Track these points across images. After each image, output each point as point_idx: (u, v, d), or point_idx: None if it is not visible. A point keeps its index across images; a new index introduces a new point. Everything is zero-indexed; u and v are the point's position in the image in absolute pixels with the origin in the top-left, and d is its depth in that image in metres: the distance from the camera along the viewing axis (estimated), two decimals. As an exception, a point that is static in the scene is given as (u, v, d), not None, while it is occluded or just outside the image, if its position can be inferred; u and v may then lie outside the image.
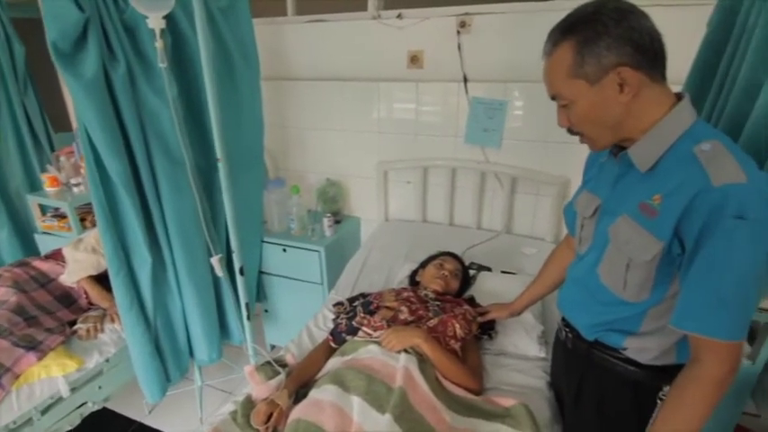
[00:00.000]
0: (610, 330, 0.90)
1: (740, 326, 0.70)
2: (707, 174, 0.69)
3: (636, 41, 0.71)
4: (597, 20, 0.72)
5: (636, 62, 0.72)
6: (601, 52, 0.73)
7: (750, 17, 0.97)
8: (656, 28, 0.74)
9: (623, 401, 0.93)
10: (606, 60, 0.73)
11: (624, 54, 0.72)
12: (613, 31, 0.71)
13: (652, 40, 0.72)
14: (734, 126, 0.96)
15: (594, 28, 0.73)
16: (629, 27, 0.71)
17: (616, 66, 0.73)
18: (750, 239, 0.66)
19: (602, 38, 0.72)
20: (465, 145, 2.01)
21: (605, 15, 0.72)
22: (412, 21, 1.95)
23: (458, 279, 1.56)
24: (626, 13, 0.72)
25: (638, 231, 0.79)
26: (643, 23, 0.72)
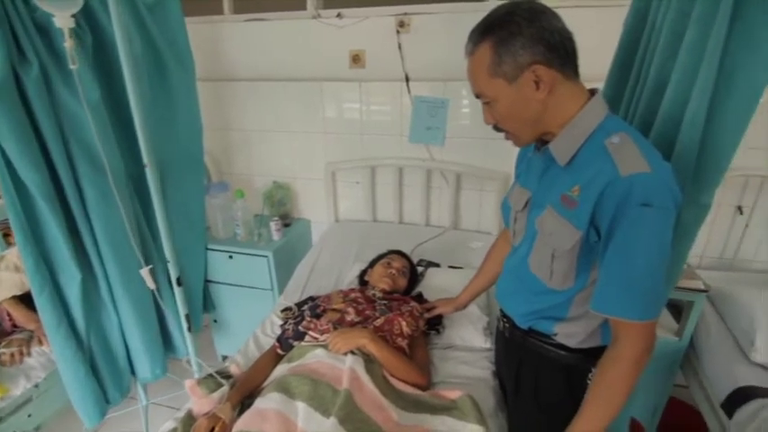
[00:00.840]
0: (541, 318, 0.94)
1: (652, 307, 0.75)
2: (616, 165, 0.73)
3: (547, 40, 0.75)
4: (511, 20, 0.75)
5: (548, 60, 0.76)
6: (516, 51, 0.75)
7: (658, 18, 1.04)
8: (567, 28, 0.78)
9: (558, 385, 0.97)
10: (521, 59, 0.76)
11: (537, 52, 0.75)
12: (526, 30, 0.74)
13: (563, 39, 0.76)
14: (646, 121, 1.02)
15: (509, 29, 0.75)
16: (540, 27, 0.74)
17: (531, 64, 0.76)
18: (655, 225, 0.71)
19: (516, 38, 0.75)
20: (410, 144, 2.03)
21: (518, 16, 0.75)
22: (352, 20, 1.94)
23: (405, 277, 1.57)
24: (538, 13, 0.75)
25: (560, 222, 0.83)
26: (554, 23, 0.76)
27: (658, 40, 1.01)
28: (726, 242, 1.89)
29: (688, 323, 1.57)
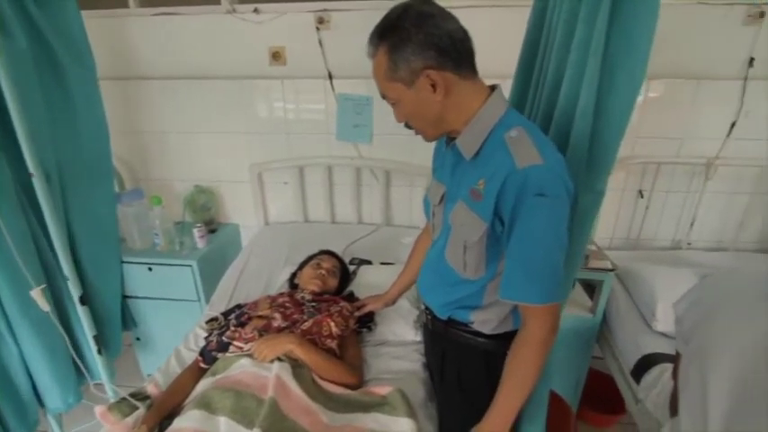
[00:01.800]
0: (459, 308, 0.97)
1: (552, 290, 0.80)
2: (513, 158, 0.76)
3: (437, 45, 0.76)
4: (401, 26, 0.77)
5: (440, 64, 0.78)
6: (408, 57, 0.77)
7: (554, 18, 1.10)
8: (460, 28, 0.80)
9: (478, 370, 1.00)
10: (414, 65, 0.77)
11: (429, 57, 0.77)
12: (415, 37, 0.76)
13: (453, 41, 0.78)
14: (548, 114, 1.08)
15: (400, 35, 0.77)
16: (428, 33, 0.76)
17: (423, 69, 0.78)
18: (550, 214, 0.75)
19: (406, 44, 0.76)
20: (338, 141, 2.01)
21: (407, 22, 0.76)
22: (269, 15, 1.88)
23: (336, 276, 1.55)
24: (426, 18, 0.76)
25: (470, 215, 0.85)
26: (443, 26, 0.77)
27: (555, 38, 1.07)
28: (630, 224, 2.07)
29: (600, 300, 1.70)
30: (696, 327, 0.70)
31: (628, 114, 0.90)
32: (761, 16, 1.70)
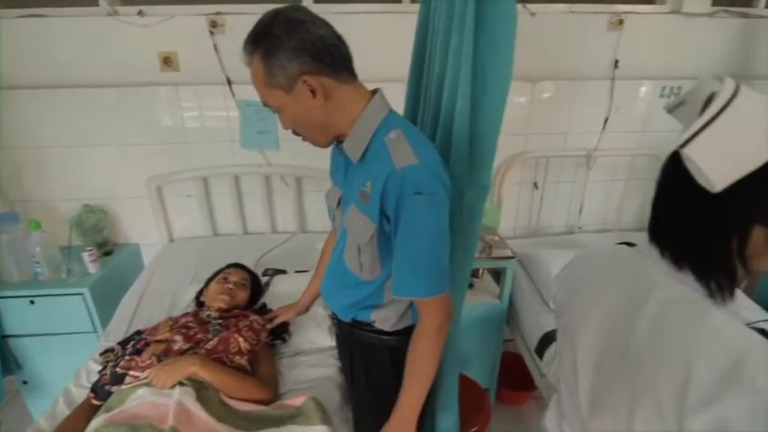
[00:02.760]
0: (361, 308, 0.98)
1: (438, 283, 0.84)
2: (392, 159, 0.79)
3: (310, 50, 0.77)
4: (272, 32, 0.76)
5: (317, 69, 0.78)
6: (283, 64, 0.76)
7: (435, 23, 1.16)
8: (334, 34, 0.82)
9: (385, 368, 1.02)
10: (290, 70, 0.77)
11: (304, 63, 0.77)
12: (287, 43, 0.76)
13: (327, 46, 0.79)
14: (435, 115, 1.14)
15: (272, 41, 0.76)
16: (300, 38, 0.76)
17: (300, 74, 0.78)
18: (429, 210, 0.79)
19: (279, 51, 0.76)
20: (244, 150, 1.94)
21: (278, 28, 0.76)
22: (156, 19, 1.76)
23: (246, 289, 1.50)
24: (296, 24, 0.76)
25: (360, 217, 0.87)
26: (315, 32, 0.78)
27: (437, 44, 1.13)
28: (529, 214, 2.25)
29: (505, 286, 1.82)
30: (564, 304, 0.77)
31: (500, 113, 0.97)
32: (620, 23, 1.94)
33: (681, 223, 0.59)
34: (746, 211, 0.54)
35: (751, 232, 0.54)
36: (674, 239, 0.61)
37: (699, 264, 0.58)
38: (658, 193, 0.62)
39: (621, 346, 0.63)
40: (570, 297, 0.76)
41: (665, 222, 0.63)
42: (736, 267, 0.57)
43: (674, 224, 0.61)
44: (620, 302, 0.65)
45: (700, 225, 0.57)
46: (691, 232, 0.58)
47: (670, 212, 0.61)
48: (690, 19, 1.97)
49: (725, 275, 0.57)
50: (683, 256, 0.60)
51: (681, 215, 0.59)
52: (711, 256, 0.57)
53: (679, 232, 0.60)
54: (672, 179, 0.59)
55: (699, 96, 0.54)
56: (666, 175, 0.60)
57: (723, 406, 0.50)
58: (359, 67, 0.89)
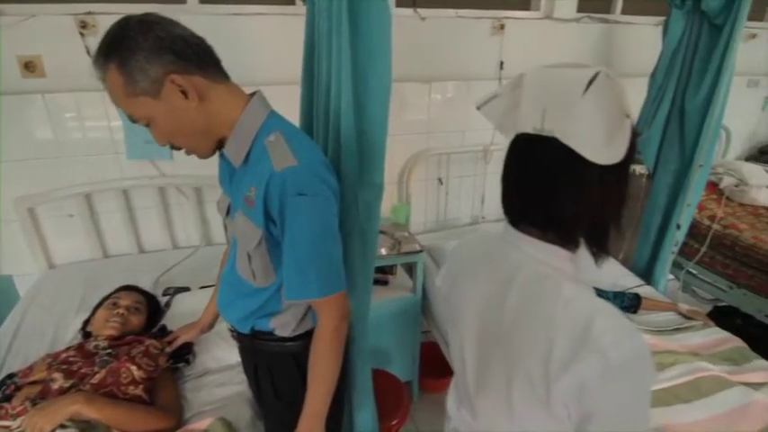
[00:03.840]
0: (259, 317, 0.95)
1: (330, 282, 0.84)
2: (272, 161, 0.78)
3: (171, 48, 0.73)
4: (125, 36, 0.71)
5: (183, 68, 0.74)
6: (143, 67, 0.72)
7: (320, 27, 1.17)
8: (193, 34, 0.78)
9: (291, 375, 1.01)
10: (153, 72, 0.72)
11: (167, 62, 0.73)
12: (144, 43, 0.71)
13: (189, 44, 0.75)
14: (325, 116, 1.14)
15: (127, 46, 0.71)
16: (157, 37, 0.72)
17: (165, 75, 0.73)
18: (312, 211, 0.79)
19: (137, 53, 0.71)
20: (132, 161, 1.79)
21: (131, 30, 0.71)
22: (14, 19, 1.55)
23: (141, 313, 1.38)
24: (150, 24, 0.73)
25: (247, 223, 0.84)
26: (172, 31, 0.74)
27: (322, 45, 1.13)
28: (437, 208, 2.35)
29: (417, 279, 1.88)
30: (448, 293, 0.81)
31: (385, 113, 1.01)
32: (502, 28, 2.10)
33: (545, 196, 0.62)
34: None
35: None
36: (538, 214, 0.64)
37: (566, 231, 0.63)
38: (517, 174, 0.66)
39: (496, 328, 0.68)
40: (452, 286, 0.80)
41: (529, 199, 0.65)
42: (607, 227, 0.64)
43: (538, 199, 0.63)
44: (492, 287, 0.69)
45: (563, 195, 0.61)
46: (555, 203, 0.62)
47: (533, 189, 0.63)
48: (560, 24, 2.20)
49: (596, 235, 0.64)
50: (549, 227, 0.64)
51: (544, 189, 0.62)
52: (577, 221, 0.62)
53: (544, 206, 0.63)
54: (526, 157, 0.63)
55: (509, 87, 0.63)
56: (520, 154, 0.64)
57: (578, 368, 0.56)
58: (252, 70, 0.87)
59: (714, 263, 2.22)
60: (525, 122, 0.62)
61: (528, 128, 0.61)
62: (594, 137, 0.58)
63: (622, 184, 0.64)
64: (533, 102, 0.61)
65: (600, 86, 0.57)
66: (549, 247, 0.64)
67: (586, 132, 0.57)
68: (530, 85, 0.62)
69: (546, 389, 0.59)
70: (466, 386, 0.77)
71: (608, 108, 0.57)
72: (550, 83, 0.61)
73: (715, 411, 1.20)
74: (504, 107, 0.66)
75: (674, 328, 1.62)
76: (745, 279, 2.08)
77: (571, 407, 0.58)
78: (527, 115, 0.61)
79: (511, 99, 0.65)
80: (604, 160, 0.58)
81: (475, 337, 0.73)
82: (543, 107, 0.59)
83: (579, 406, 0.58)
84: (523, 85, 0.63)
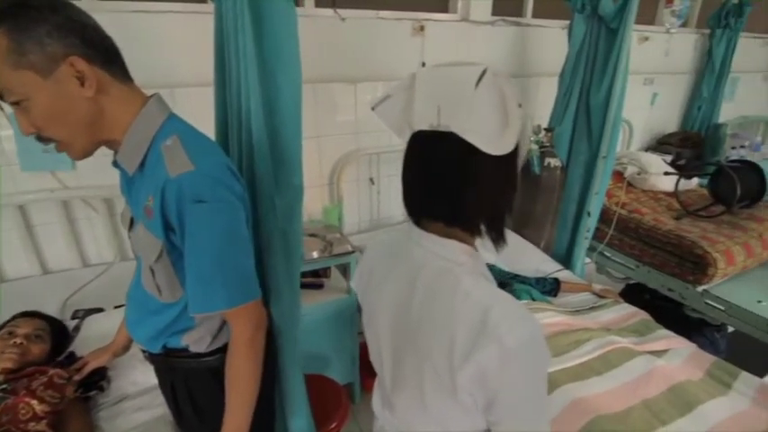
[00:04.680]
0: (171, 335, 0.90)
1: (240, 291, 0.80)
2: (166, 167, 0.73)
3: (81, 33, 0.68)
4: (32, 6, 0.65)
5: (88, 55, 0.69)
6: (43, 39, 0.65)
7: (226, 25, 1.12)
8: (102, 29, 0.73)
9: (211, 392, 0.95)
10: (51, 48, 0.66)
11: (72, 44, 0.67)
12: (51, 18, 0.66)
13: (100, 36, 0.72)
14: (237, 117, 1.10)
15: (28, 15, 0.65)
16: (68, 17, 0.67)
17: (66, 55, 0.67)
18: (215, 218, 0.75)
19: (40, 24, 0.65)
20: (28, 173, 1.61)
21: (37, 2, 0.65)
22: None
23: (43, 341, 1.24)
24: (66, 5, 0.68)
25: (147, 235, 0.79)
26: (86, 20, 0.70)
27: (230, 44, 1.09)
28: (370, 208, 2.36)
29: (350, 280, 1.88)
30: (363, 294, 0.81)
31: (297, 112, 0.99)
32: (422, 29, 2.15)
33: (447, 190, 0.64)
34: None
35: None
36: (442, 208, 0.65)
37: (469, 221, 0.65)
38: (418, 171, 0.66)
39: (406, 325, 0.69)
40: (366, 287, 0.80)
41: (432, 195, 0.65)
42: (503, 215, 0.67)
43: (441, 193, 0.64)
44: (400, 286, 0.70)
45: (464, 186, 0.63)
46: (457, 195, 0.63)
47: (435, 184, 0.64)
48: (476, 26, 2.30)
49: (495, 222, 0.67)
50: (453, 220, 0.66)
51: (446, 183, 0.63)
52: (479, 210, 0.65)
53: (447, 199, 0.64)
54: (426, 153, 0.64)
55: (401, 87, 0.65)
56: (419, 151, 0.65)
57: (479, 357, 0.58)
58: (164, 71, 0.81)
59: (623, 245, 2.44)
60: (421, 120, 0.63)
61: (424, 125, 0.63)
62: (488, 129, 0.61)
63: (515, 173, 0.68)
64: (427, 99, 0.62)
65: (489, 82, 0.60)
66: (450, 242, 0.66)
67: (480, 125, 0.60)
68: (422, 84, 0.64)
69: (451, 380, 0.61)
70: (384, 385, 0.78)
71: (498, 101, 0.61)
72: (442, 81, 0.63)
73: (623, 380, 1.31)
74: (398, 107, 0.67)
75: (589, 307, 1.76)
76: (648, 258, 2.31)
77: (475, 395, 0.61)
78: (422, 113, 0.63)
79: (404, 99, 0.66)
80: (498, 151, 0.61)
81: (388, 335, 0.74)
82: (438, 104, 0.61)
83: (482, 393, 0.60)
84: (415, 85, 0.64)
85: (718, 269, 2.01)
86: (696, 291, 2.10)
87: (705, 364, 1.46)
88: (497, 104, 0.61)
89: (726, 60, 3.21)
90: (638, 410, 1.22)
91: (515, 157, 0.67)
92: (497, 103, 0.61)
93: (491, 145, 0.61)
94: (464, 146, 0.60)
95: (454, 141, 0.60)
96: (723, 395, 1.32)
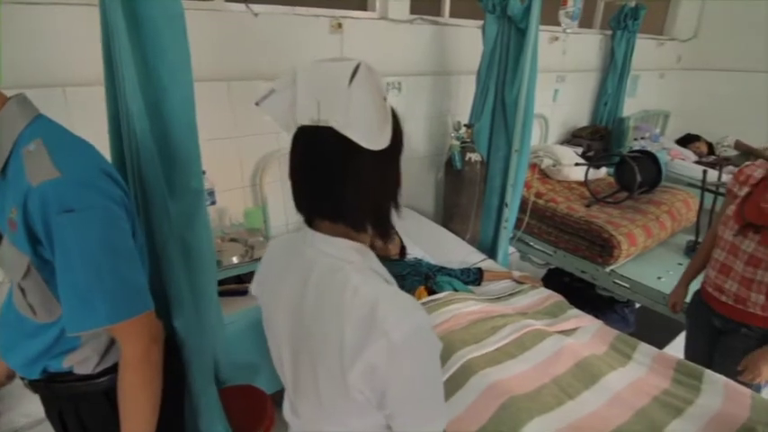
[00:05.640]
0: (51, 358, 0.81)
1: (125, 305, 0.75)
2: (27, 175, 0.66)
3: None
4: None
5: None
6: None
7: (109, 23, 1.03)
8: None
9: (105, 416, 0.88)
10: None
11: None
12: None
13: None
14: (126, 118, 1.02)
15: None
16: None
17: None
18: (88, 227, 0.69)
19: None
20: None
21: None
22: None
23: None
24: None
25: (12, 250, 0.71)
26: None
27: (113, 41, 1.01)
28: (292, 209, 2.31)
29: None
30: (261, 297, 0.79)
31: (190, 112, 0.94)
32: (340, 26, 2.14)
33: (330, 186, 0.63)
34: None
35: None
36: (326, 205, 0.64)
37: (354, 218, 0.65)
38: (302, 168, 0.65)
39: (300, 327, 0.67)
40: (262, 290, 0.78)
41: (316, 191, 0.64)
42: (388, 210, 0.67)
43: (324, 190, 0.63)
44: (294, 288, 0.68)
45: (346, 183, 0.62)
46: (339, 191, 0.62)
47: (318, 180, 0.63)
48: (395, 24, 2.33)
49: (379, 218, 0.67)
50: (338, 217, 0.65)
51: (328, 179, 0.62)
52: (362, 207, 0.65)
53: (330, 196, 0.63)
54: (308, 148, 0.63)
55: (285, 83, 0.63)
56: (303, 147, 0.63)
57: (368, 353, 0.58)
58: (51, 69, 0.72)
59: (542, 232, 2.60)
60: (303, 115, 0.62)
61: (306, 119, 0.62)
62: (365, 124, 0.61)
63: (397, 168, 0.68)
64: (307, 94, 0.62)
65: (362, 77, 0.60)
66: (338, 240, 0.66)
67: (358, 121, 0.60)
68: (302, 80, 0.63)
69: (343, 379, 0.60)
70: (288, 390, 0.76)
71: (372, 96, 0.61)
72: (320, 76, 0.62)
73: (535, 361, 1.39)
74: (284, 103, 0.66)
75: (508, 293, 1.85)
76: (563, 243, 2.47)
77: (366, 392, 0.61)
78: (304, 107, 0.62)
79: (289, 95, 0.64)
80: (377, 146, 0.61)
81: (287, 339, 0.72)
82: (317, 99, 0.60)
83: (372, 389, 0.60)
84: (297, 80, 0.63)
85: (622, 250, 2.19)
86: (605, 271, 2.28)
87: (609, 338, 1.58)
88: (373, 99, 0.61)
89: (626, 59, 3.51)
90: (548, 388, 1.30)
91: (397, 152, 0.68)
92: (373, 98, 0.61)
93: (370, 140, 0.61)
94: (344, 141, 0.60)
95: (335, 137, 0.60)
96: (623, 366, 1.44)
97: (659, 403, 1.28)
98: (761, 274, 1.32)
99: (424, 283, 1.75)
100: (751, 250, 1.33)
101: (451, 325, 1.49)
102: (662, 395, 1.31)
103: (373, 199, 0.65)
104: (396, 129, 0.66)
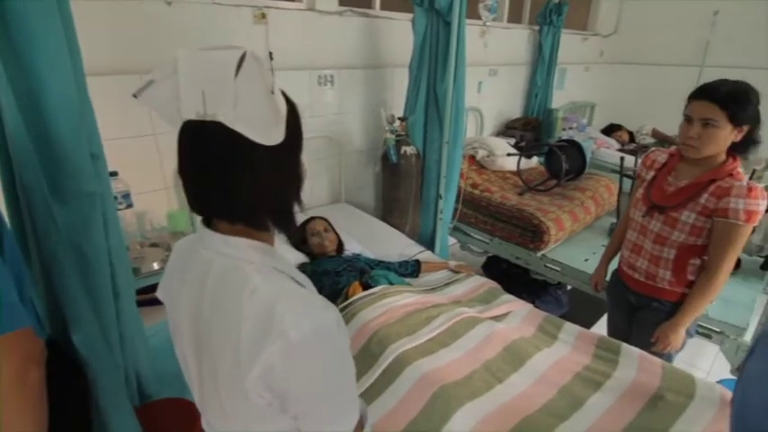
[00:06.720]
0: None
1: None
2: None
3: None
4: None
5: None
6: None
7: None
8: None
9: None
10: None
11: None
12: None
13: None
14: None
15: None
16: None
17: None
18: None
19: None
20: None
21: None
22: None
23: None
24: None
25: None
26: None
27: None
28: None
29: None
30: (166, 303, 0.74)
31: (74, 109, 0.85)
32: (263, 17, 2.05)
33: (222, 184, 0.59)
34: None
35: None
36: (220, 204, 0.61)
37: (251, 216, 0.62)
38: (191, 165, 0.60)
39: (200, 330, 0.64)
40: (167, 296, 0.73)
41: (208, 190, 0.61)
42: (290, 206, 0.64)
43: (216, 188, 0.60)
44: (193, 290, 0.65)
45: (239, 180, 0.58)
46: (233, 189, 0.59)
47: (209, 178, 0.59)
48: (324, 16, 2.27)
49: (280, 216, 0.64)
50: (234, 216, 0.62)
51: (220, 177, 0.59)
52: (259, 204, 0.61)
53: (223, 194, 0.59)
54: (197, 145, 0.58)
55: (165, 72, 0.58)
56: (190, 143, 0.59)
57: (265, 354, 0.55)
58: None
59: (479, 222, 2.66)
60: (188, 108, 0.57)
61: (192, 113, 0.57)
62: (255, 118, 0.57)
63: (296, 162, 0.65)
64: (191, 86, 0.57)
65: (249, 68, 0.57)
66: (236, 240, 0.62)
67: (248, 114, 0.56)
68: (185, 69, 0.57)
69: (242, 382, 0.57)
70: (196, 398, 0.72)
71: (262, 88, 0.57)
72: (204, 66, 0.58)
73: (467, 347, 1.42)
74: (165, 94, 0.60)
75: (444, 283, 1.87)
76: (499, 231, 2.55)
77: (266, 396, 0.58)
78: (188, 101, 0.57)
79: (169, 85, 0.59)
80: (271, 140, 0.58)
81: (190, 343, 0.68)
82: (202, 91, 0.56)
83: (271, 392, 0.57)
84: (178, 70, 0.58)
85: (551, 235, 2.30)
86: (536, 256, 2.38)
87: (537, 320, 1.65)
88: (262, 91, 0.57)
89: (553, 53, 3.68)
90: (478, 373, 1.32)
91: (296, 147, 0.65)
92: (262, 90, 0.57)
93: (261, 134, 0.57)
94: (235, 136, 0.56)
95: (224, 132, 0.56)
96: (549, 346, 1.50)
97: (580, 379, 1.35)
98: (666, 251, 1.42)
99: (359, 279, 1.73)
100: (657, 230, 1.43)
101: (386, 319, 1.49)
102: (583, 371, 1.38)
103: (272, 196, 0.62)
104: (293, 121, 0.63)
